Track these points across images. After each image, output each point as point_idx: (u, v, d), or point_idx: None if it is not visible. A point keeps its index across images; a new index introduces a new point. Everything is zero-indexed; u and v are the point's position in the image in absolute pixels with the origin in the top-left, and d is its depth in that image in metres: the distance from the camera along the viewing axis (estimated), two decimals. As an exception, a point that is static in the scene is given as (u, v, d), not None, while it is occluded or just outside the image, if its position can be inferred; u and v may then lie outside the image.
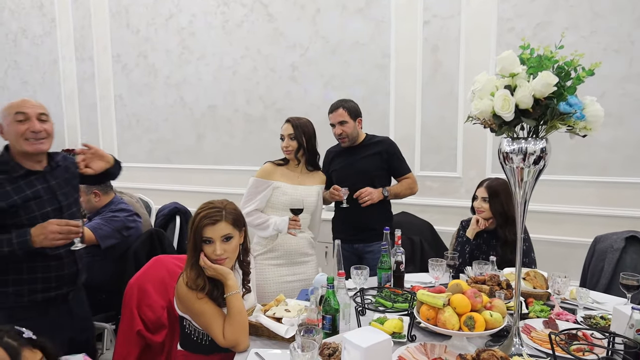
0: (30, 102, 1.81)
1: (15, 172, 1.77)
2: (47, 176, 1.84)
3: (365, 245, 2.62)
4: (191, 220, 1.64)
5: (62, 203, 1.85)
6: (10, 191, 1.73)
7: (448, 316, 1.44)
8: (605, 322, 1.67)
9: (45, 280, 1.81)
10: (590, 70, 1.27)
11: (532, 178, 1.40)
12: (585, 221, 3.23)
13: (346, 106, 2.59)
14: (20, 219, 1.73)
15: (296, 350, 1.26)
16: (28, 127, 1.75)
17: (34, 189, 1.78)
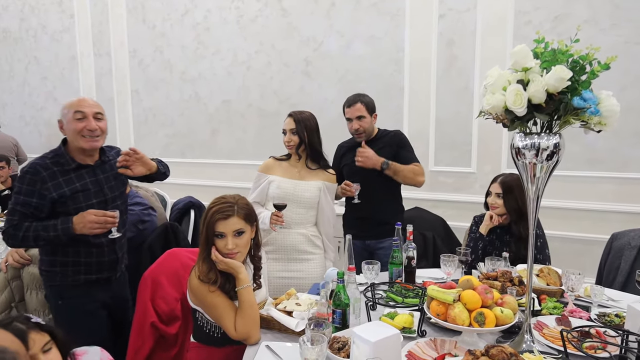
0: (88, 102, 1.95)
1: (68, 165, 1.93)
2: (96, 170, 2.00)
3: (377, 242, 2.61)
4: (204, 215, 1.66)
5: (107, 196, 2.00)
6: (61, 182, 1.89)
7: (458, 312, 1.43)
8: (620, 320, 1.65)
9: (87, 264, 1.98)
10: (606, 64, 1.24)
11: (545, 174, 1.38)
12: (602, 218, 3.17)
13: (364, 101, 2.58)
14: (68, 208, 1.88)
15: (306, 344, 1.28)
16: (85, 125, 1.90)
17: (82, 182, 1.94)
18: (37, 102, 5.54)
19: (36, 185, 1.85)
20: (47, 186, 1.86)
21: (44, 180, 1.86)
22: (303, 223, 2.34)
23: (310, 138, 2.31)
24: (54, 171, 1.89)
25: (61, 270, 1.95)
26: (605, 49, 1.30)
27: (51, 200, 1.87)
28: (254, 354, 1.50)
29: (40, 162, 1.91)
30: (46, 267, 1.98)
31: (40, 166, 1.89)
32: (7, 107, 5.76)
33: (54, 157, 1.93)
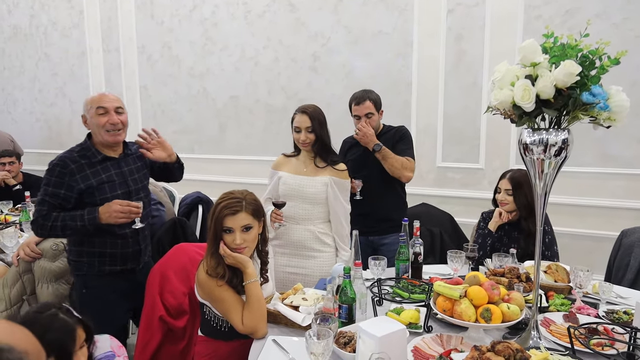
0: (109, 97, 2.06)
1: (94, 158, 2.03)
2: (120, 163, 2.11)
3: (380, 238, 2.61)
4: (212, 210, 1.67)
5: (130, 188, 2.10)
6: (88, 174, 2.00)
7: (464, 308, 1.43)
8: (628, 317, 1.63)
9: (112, 255, 2.07)
10: (616, 59, 1.23)
11: (553, 170, 1.37)
12: (612, 214, 3.14)
13: (372, 98, 2.56)
14: (94, 199, 1.98)
15: (312, 338, 1.29)
16: (107, 120, 2.01)
17: (108, 174, 2.04)
18: (48, 98, 5.59)
19: (65, 177, 1.95)
20: (75, 178, 1.96)
21: (72, 172, 1.96)
22: (310, 219, 2.31)
23: (322, 134, 2.26)
24: (81, 164, 1.99)
25: (88, 260, 2.05)
26: (616, 44, 1.29)
27: (79, 192, 1.96)
28: (260, 348, 1.52)
29: (68, 156, 2.01)
30: (74, 257, 2.08)
31: (68, 159, 1.99)
32: (17, 103, 5.82)
33: (81, 151, 2.04)
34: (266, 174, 2.45)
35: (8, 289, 2.11)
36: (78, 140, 5.27)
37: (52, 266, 2.16)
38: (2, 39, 5.76)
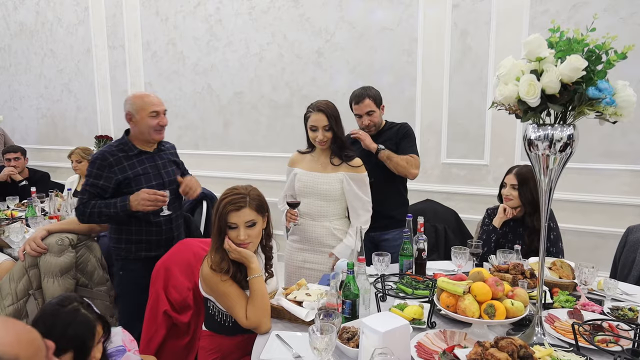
0: (159, 100, 2.31)
1: (131, 152, 2.25)
2: (155, 157, 2.31)
3: (381, 234, 2.60)
4: (216, 206, 1.68)
5: (164, 179, 2.30)
6: (126, 167, 2.20)
7: (468, 304, 1.43)
8: (634, 314, 1.62)
9: (147, 242, 2.26)
10: (623, 54, 1.21)
11: (559, 166, 1.36)
12: (617, 211, 3.12)
13: (371, 95, 2.55)
14: (131, 189, 2.17)
15: (315, 333, 1.29)
16: (158, 122, 2.25)
17: (143, 166, 2.25)
18: (53, 95, 5.62)
19: (104, 169, 2.16)
20: (114, 169, 2.17)
21: (110, 164, 2.17)
22: (326, 216, 2.29)
23: (338, 129, 2.23)
24: (119, 157, 2.21)
25: (125, 246, 2.26)
26: (623, 38, 1.27)
27: (116, 182, 2.17)
28: (264, 343, 1.52)
29: (107, 150, 2.23)
30: (114, 243, 2.30)
31: (107, 153, 2.20)
32: (23, 100, 5.85)
33: (119, 145, 2.26)
34: (270, 170, 2.47)
35: (14, 283, 2.13)
36: (83, 136, 5.34)
37: (57, 261, 2.17)
38: (8, 35, 5.79)
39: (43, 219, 2.96)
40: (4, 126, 5.86)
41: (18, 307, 2.11)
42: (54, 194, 3.38)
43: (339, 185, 2.26)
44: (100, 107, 5.34)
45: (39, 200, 3.45)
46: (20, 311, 2.13)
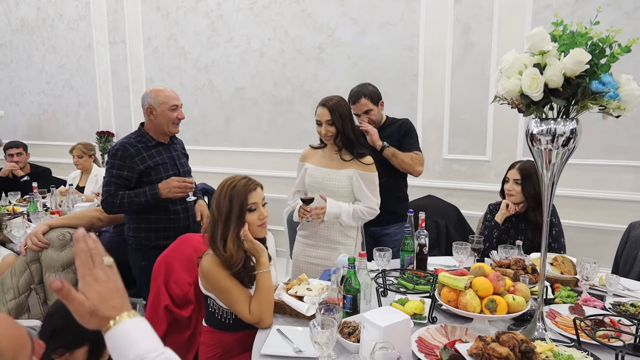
0: (176, 95, 2.44)
1: (150, 143, 2.38)
2: (170, 148, 2.47)
3: (381, 228, 2.60)
4: (227, 194, 1.64)
5: (179, 169, 2.45)
6: (145, 157, 2.34)
7: (469, 299, 1.43)
8: (635, 309, 1.62)
9: (166, 229, 2.37)
10: (627, 47, 1.20)
11: (561, 160, 1.35)
12: (620, 207, 3.11)
13: (367, 93, 2.54)
14: (151, 178, 2.32)
15: (316, 328, 1.28)
16: (177, 115, 2.40)
17: (161, 157, 2.40)
18: (55, 90, 5.62)
19: (126, 160, 2.28)
20: (135, 160, 2.30)
21: (132, 155, 2.30)
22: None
23: (344, 127, 2.19)
24: (139, 147, 2.33)
25: (145, 235, 2.37)
26: (627, 33, 1.26)
27: (139, 172, 2.30)
28: (265, 337, 1.52)
29: (127, 141, 2.35)
30: (134, 233, 2.40)
31: (127, 144, 2.32)
32: (25, 96, 5.85)
33: (137, 137, 2.38)
34: (271, 166, 2.47)
35: (16, 277, 2.13)
36: (85, 132, 5.34)
37: (59, 255, 2.18)
38: (10, 31, 5.79)
39: (44, 214, 2.97)
40: (5, 122, 5.87)
41: (19, 302, 2.11)
42: (58, 190, 3.39)
43: (348, 182, 2.23)
44: (101, 102, 5.33)
45: (41, 196, 3.46)
46: (22, 305, 2.13)
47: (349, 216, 2.21)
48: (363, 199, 2.25)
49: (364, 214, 2.25)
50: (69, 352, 1.26)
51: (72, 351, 1.26)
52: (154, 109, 2.35)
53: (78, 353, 1.26)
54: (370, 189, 2.26)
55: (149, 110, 2.36)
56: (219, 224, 1.65)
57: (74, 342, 1.26)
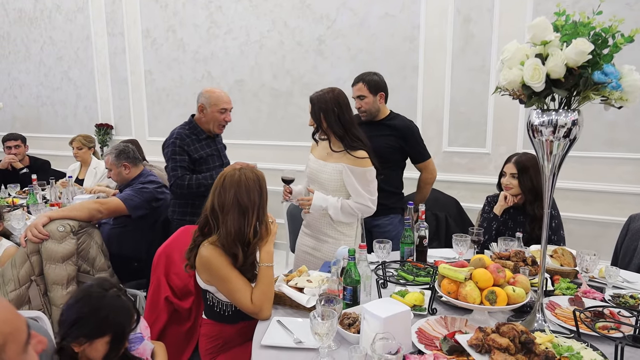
0: (228, 98, 2.69)
1: (200, 135, 2.63)
2: (215, 141, 2.73)
3: (372, 219, 2.58)
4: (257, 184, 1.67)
5: (223, 160, 2.75)
6: (197, 147, 2.60)
7: (469, 290, 1.43)
8: (635, 301, 1.62)
9: None
10: (630, 37, 1.19)
11: (562, 151, 1.34)
12: (620, 199, 3.12)
13: (366, 80, 2.53)
14: (201, 167, 2.58)
15: (316, 319, 1.29)
16: (224, 117, 2.65)
17: (209, 149, 2.65)
18: (53, 82, 5.59)
19: (184, 147, 2.54)
20: (191, 149, 2.56)
21: (188, 144, 2.55)
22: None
23: (327, 119, 2.14)
24: (192, 138, 2.59)
25: (189, 219, 2.54)
26: (629, 24, 1.25)
27: (193, 161, 2.54)
28: (265, 329, 1.52)
29: (181, 131, 2.59)
30: (178, 217, 2.60)
31: (183, 134, 2.57)
32: (24, 88, 5.82)
33: (190, 129, 2.62)
34: (271, 158, 2.48)
35: (16, 269, 2.13)
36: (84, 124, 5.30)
37: (59, 247, 2.17)
38: (7, 22, 5.75)
39: (44, 207, 2.96)
40: (3, 114, 5.84)
41: (20, 293, 2.12)
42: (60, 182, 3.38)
43: (338, 177, 2.17)
44: (100, 94, 5.31)
45: (40, 188, 3.45)
46: (23, 297, 2.13)
47: (337, 210, 2.16)
48: (354, 195, 2.16)
49: (353, 210, 2.16)
50: (89, 342, 1.26)
51: (92, 341, 1.27)
52: (205, 108, 2.59)
53: (98, 343, 1.27)
54: (362, 185, 2.15)
55: (200, 108, 2.61)
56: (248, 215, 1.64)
57: (97, 331, 1.27)
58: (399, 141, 2.57)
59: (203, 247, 1.65)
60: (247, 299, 1.60)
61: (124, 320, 1.32)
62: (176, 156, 2.53)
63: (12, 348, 0.70)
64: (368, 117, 2.59)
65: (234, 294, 1.62)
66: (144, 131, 5.08)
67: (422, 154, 2.65)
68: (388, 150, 2.55)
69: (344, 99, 2.17)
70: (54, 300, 2.17)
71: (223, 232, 1.62)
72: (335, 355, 1.36)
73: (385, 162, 2.50)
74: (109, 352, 1.29)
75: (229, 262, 1.62)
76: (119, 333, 1.30)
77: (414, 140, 2.60)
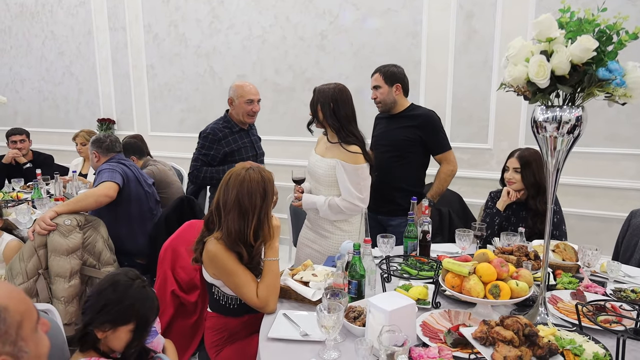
0: (256, 91, 2.83)
1: (234, 128, 2.82)
2: (248, 133, 2.91)
3: (388, 219, 2.62)
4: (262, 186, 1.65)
5: (257, 151, 2.93)
6: (230, 140, 2.79)
7: (473, 284, 1.45)
8: (636, 295, 1.64)
9: None
10: (634, 34, 1.21)
11: (566, 147, 1.36)
12: (621, 195, 3.13)
13: (383, 70, 2.56)
14: (234, 158, 2.74)
15: (323, 312, 1.31)
16: (252, 108, 2.80)
17: (243, 140, 2.84)
18: (55, 77, 5.59)
19: (214, 143, 2.74)
20: (222, 143, 2.75)
21: (219, 139, 2.75)
22: None
23: (323, 111, 2.16)
24: (225, 132, 2.77)
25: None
26: (633, 20, 1.26)
27: (224, 154, 2.75)
28: (271, 322, 1.54)
29: (216, 126, 2.79)
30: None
31: (216, 129, 2.77)
32: (25, 83, 5.82)
33: (224, 123, 2.81)
34: (273, 153, 2.50)
35: (24, 262, 2.15)
36: (86, 119, 5.32)
37: (65, 240, 2.20)
38: (9, 17, 5.74)
39: (49, 201, 2.98)
40: (5, 109, 5.84)
41: (28, 286, 2.14)
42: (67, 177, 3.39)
43: (331, 172, 2.16)
44: (102, 89, 5.31)
45: (44, 183, 3.47)
46: (31, 290, 2.16)
47: (326, 210, 2.17)
48: (344, 192, 2.16)
49: (341, 209, 2.16)
50: (113, 329, 1.29)
51: (116, 328, 1.29)
52: (233, 101, 2.78)
53: (122, 331, 1.30)
54: (353, 182, 2.14)
55: (229, 101, 2.80)
56: (250, 215, 1.63)
57: (122, 318, 1.30)
58: (417, 132, 2.55)
59: (209, 242, 1.66)
60: (253, 294, 1.62)
61: (148, 311, 1.35)
62: (203, 149, 2.75)
63: (27, 325, 0.74)
64: (384, 108, 2.61)
65: (240, 289, 1.64)
66: (146, 126, 5.09)
67: (441, 144, 2.59)
68: (406, 143, 2.55)
69: (344, 95, 2.17)
70: (56, 292, 2.19)
71: (224, 231, 1.64)
72: (341, 347, 1.38)
73: (402, 156, 2.52)
74: (131, 341, 1.31)
75: (235, 258, 1.64)
76: (142, 322, 1.33)
77: (432, 128, 2.56)
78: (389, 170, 2.56)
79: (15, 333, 0.72)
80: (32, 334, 0.75)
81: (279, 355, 1.37)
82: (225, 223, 1.63)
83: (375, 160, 2.34)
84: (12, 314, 0.73)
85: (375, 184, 2.44)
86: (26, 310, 0.77)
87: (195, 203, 2.90)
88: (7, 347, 0.69)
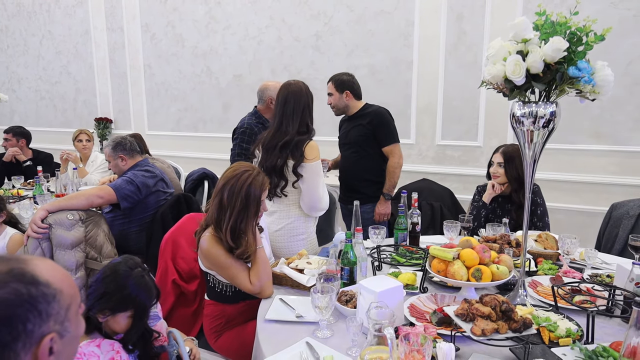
0: None
1: (266, 123, 2.87)
2: None
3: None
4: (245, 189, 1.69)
5: None
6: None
7: (457, 268, 1.55)
8: (611, 280, 1.75)
9: None
10: (601, 36, 1.31)
11: (542, 140, 1.47)
12: (604, 190, 3.25)
13: (334, 79, 2.84)
14: None
15: (317, 294, 1.40)
16: None
17: None
18: (52, 76, 5.65)
19: (252, 137, 2.83)
20: (258, 137, 2.61)
21: (255, 133, 2.82)
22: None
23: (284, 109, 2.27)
24: (259, 127, 2.88)
25: None
26: (613, 23, 1.37)
27: None
28: (268, 306, 1.64)
29: (250, 121, 2.92)
30: None
31: (251, 124, 2.90)
32: (22, 82, 5.88)
33: (256, 118, 2.94)
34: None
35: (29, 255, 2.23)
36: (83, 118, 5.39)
37: (68, 234, 2.27)
38: (6, 16, 5.79)
39: (50, 197, 3.06)
40: (2, 108, 5.89)
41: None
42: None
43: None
44: (99, 89, 5.38)
45: (45, 180, 3.54)
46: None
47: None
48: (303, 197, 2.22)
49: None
50: (113, 315, 1.37)
51: (115, 314, 1.37)
52: (274, 100, 2.77)
53: (120, 317, 1.38)
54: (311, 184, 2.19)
55: (269, 100, 2.92)
56: (227, 213, 1.71)
57: (120, 306, 1.38)
58: (369, 127, 2.80)
59: (203, 237, 1.75)
60: (247, 282, 1.71)
61: (146, 298, 1.42)
62: (243, 144, 2.88)
63: (73, 308, 0.81)
64: (338, 112, 2.92)
65: (234, 280, 1.74)
66: (144, 125, 5.16)
67: (388, 137, 2.80)
68: (361, 139, 2.81)
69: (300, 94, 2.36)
70: (64, 285, 2.26)
71: (208, 217, 1.76)
72: (333, 327, 1.48)
73: (361, 151, 2.79)
74: (132, 326, 1.39)
75: (226, 251, 1.72)
76: (140, 309, 1.41)
77: (380, 122, 2.79)
78: (352, 165, 2.86)
79: (64, 314, 0.79)
80: (75, 316, 0.82)
81: (276, 335, 1.46)
82: (209, 210, 1.77)
83: (341, 157, 2.83)
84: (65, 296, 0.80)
85: (343, 178, 2.86)
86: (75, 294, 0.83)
87: (192, 200, 2.97)
88: (56, 326, 0.76)
